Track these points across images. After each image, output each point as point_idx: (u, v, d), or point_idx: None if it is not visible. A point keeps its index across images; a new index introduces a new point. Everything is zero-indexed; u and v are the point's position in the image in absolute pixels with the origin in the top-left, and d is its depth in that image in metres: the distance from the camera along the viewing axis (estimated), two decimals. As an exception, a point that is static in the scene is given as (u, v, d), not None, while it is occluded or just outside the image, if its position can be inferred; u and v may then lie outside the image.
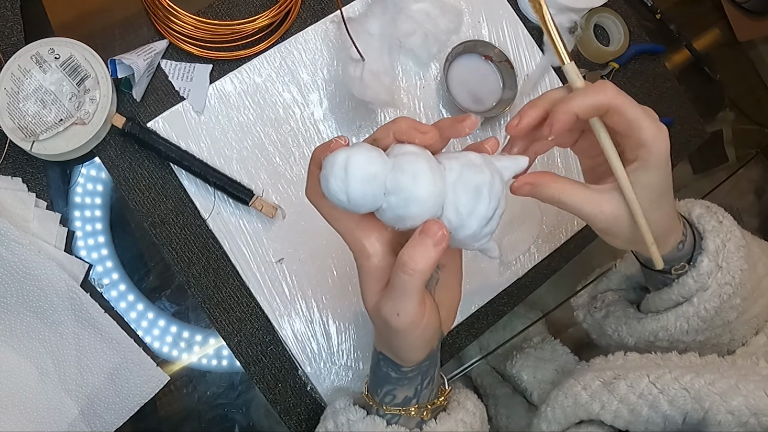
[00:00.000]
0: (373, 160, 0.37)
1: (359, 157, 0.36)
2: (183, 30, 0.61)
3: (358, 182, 0.36)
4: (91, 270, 0.59)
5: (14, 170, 0.58)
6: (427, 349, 0.45)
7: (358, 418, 0.49)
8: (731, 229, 0.53)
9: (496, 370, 0.78)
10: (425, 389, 0.49)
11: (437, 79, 0.69)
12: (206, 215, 0.60)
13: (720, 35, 0.86)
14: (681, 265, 0.52)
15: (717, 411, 0.43)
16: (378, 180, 0.37)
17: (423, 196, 0.37)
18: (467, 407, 0.52)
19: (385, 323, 0.40)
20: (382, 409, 0.49)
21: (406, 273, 0.38)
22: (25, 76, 0.56)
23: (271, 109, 0.64)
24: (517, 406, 0.71)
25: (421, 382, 0.48)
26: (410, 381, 0.48)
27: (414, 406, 0.49)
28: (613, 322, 0.61)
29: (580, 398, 0.51)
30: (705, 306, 0.52)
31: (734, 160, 0.90)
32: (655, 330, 0.56)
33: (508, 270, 0.67)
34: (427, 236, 0.37)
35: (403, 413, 0.48)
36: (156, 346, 0.59)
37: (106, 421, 0.56)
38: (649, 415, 0.46)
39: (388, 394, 0.49)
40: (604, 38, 0.77)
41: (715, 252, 0.52)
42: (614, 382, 0.49)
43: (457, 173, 0.38)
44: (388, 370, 0.48)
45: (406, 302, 0.39)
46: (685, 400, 0.45)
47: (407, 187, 0.37)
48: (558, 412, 0.53)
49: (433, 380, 0.49)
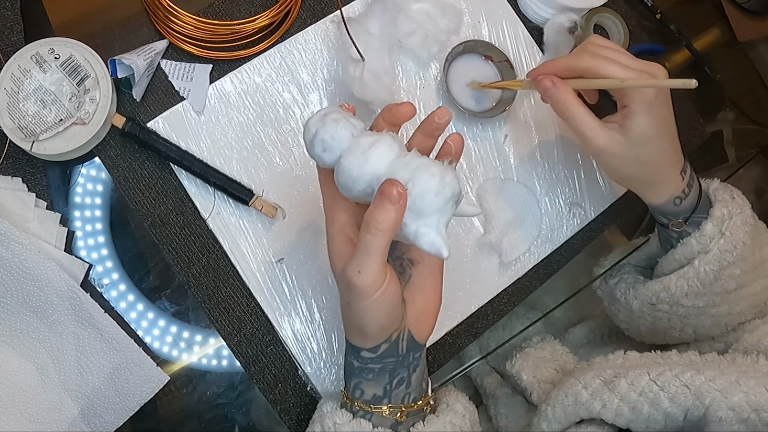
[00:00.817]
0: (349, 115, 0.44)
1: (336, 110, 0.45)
2: (183, 30, 0.61)
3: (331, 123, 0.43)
4: (91, 270, 0.59)
5: (14, 170, 0.58)
6: (387, 329, 0.46)
7: (344, 421, 0.48)
8: (742, 206, 0.58)
9: (496, 370, 0.78)
10: (396, 389, 0.49)
11: (437, 79, 0.69)
12: (206, 215, 0.60)
13: (720, 35, 0.86)
14: (677, 222, 0.58)
15: (718, 407, 0.43)
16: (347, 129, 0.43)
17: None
18: (456, 409, 0.51)
19: (348, 284, 0.43)
20: (354, 405, 0.49)
21: (369, 232, 0.40)
22: (25, 76, 0.56)
23: (271, 109, 0.64)
24: (517, 406, 0.71)
25: (390, 380, 0.48)
26: (376, 376, 0.48)
27: (386, 406, 0.48)
28: (623, 286, 0.65)
29: (580, 397, 0.51)
30: (705, 268, 0.56)
31: (734, 160, 0.90)
32: (657, 291, 0.60)
33: (508, 270, 0.67)
34: (384, 195, 0.40)
35: (375, 411, 0.48)
36: (156, 346, 0.59)
37: (106, 421, 0.56)
38: (650, 412, 0.46)
39: (356, 388, 0.49)
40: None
41: (720, 219, 0.56)
42: (615, 381, 0.50)
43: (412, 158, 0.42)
44: (351, 358, 0.49)
45: (368, 260, 0.41)
46: (685, 397, 0.45)
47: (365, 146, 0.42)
48: (558, 412, 0.53)
49: (406, 382, 0.49)
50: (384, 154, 0.42)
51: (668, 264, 0.60)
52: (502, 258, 0.67)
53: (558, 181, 0.70)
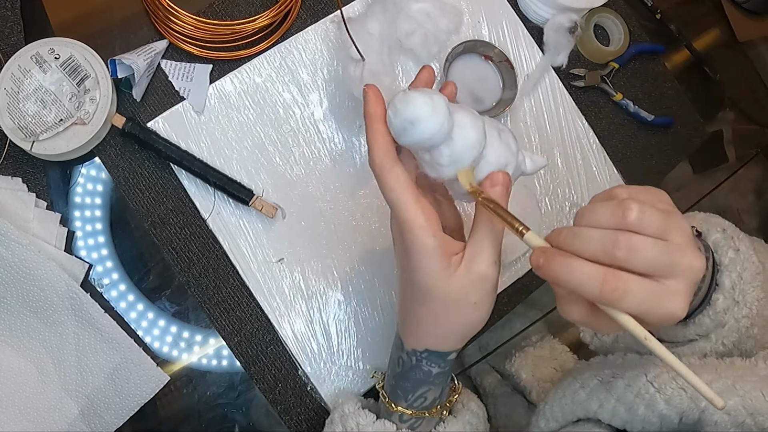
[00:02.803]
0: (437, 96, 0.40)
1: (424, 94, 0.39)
2: (183, 30, 0.61)
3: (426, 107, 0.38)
4: (91, 270, 0.59)
5: (14, 170, 0.58)
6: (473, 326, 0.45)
7: (368, 422, 0.49)
8: (747, 256, 0.51)
9: (496, 369, 0.78)
10: (447, 386, 0.50)
11: (437, 79, 0.69)
12: (206, 215, 0.60)
13: (720, 35, 0.86)
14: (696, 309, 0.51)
15: (713, 411, 0.43)
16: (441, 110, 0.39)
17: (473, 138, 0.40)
18: (472, 408, 0.52)
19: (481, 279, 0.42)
20: (407, 414, 0.49)
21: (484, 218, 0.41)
22: (25, 76, 0.56)
23: (271, 109, 0.64)
24: (517, 406, 0.71)
25: (447, 379, 0.49)
26: (444, 379, 0.49)
27: (436, 407, 0.49)
28: (623, 349, 0.59)
29: (578, 396, 0.51)
30: (723, 341, 0.51)
31: (734, 160, 0.90)
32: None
33: (508, 270, 0.67)
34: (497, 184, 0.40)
35: (427, 415, 0.49)
36: (156, 346, 0.59)
37: (106, 421, 0.56)
38: (646, 414, 0.46)
39: (420, 397, 0.48)
40: (604, 38, 0.77)
41: (731, 288, 0.50)
42: (612, 381, 0.50)
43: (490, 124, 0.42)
44: (430, 367, 0.47)
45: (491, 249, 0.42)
46: (681, 400, 0.45)
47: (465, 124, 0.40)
48: (556, 410, 0.53)
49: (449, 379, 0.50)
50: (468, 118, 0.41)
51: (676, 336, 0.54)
52: (502, 258, 0.67)
53: (558, 181, 0.70)
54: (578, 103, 0.73)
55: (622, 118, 0.76)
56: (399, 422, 0.50)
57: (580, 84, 0.74)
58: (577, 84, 0.74)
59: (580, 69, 0.74)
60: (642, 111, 0.75)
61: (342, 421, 0.51)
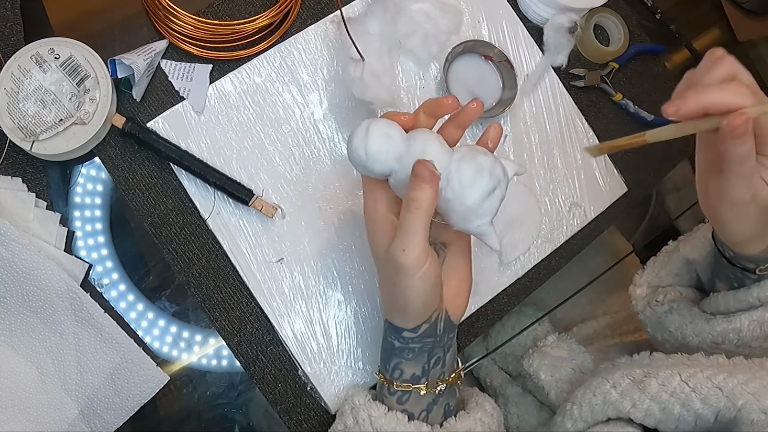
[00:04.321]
0: (392, 126, 0.46)
1: (380, 122, 0.46)
2: (183, 30, 0.61)
3: (376, 138, 0.45)
4: (91, 270, 0.59)
5: (14, 170, 0.58)
6: (428, 308, 0.48)
7: (380, 414, 0.50)
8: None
9: (505, 370, 0.78)
10: (434, 368, 0.51)
11: (437, 79, 0.69)
12: (206, 215, 0.60)
13: (720, 35, 0.86)
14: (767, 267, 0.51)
15: (750, 410, 0.43)
16: (394, 141, 0.46)
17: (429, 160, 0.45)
18: (486, 408, 0.53)
19: (394, 262, 0.45)
20: (393, 386, 0.50)
21: (410, 212, 0.44)
22: (25, 76, 0.56)
23: (271, 109, 0.64)
24: (528, 406, 0.72)
25: (428, 360, 0.50)
26: (415, 356, 0.50)
27: (423, 384, 0.50)
28: (677, 320, 0.60)
29: (609, 396, 0.51)
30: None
31: (734, 160, 0.90)
32: (725, 332, 0.54)
33: (508, 270, 0.67)
34: (418, 177, 0.43)
35: (413, 389, 0.50)
36: (156, 346, 0.59)
37: (106, 421, 0.56)
38: (681, 413, 0.47)
39: (396, 369, 0.51)
40: (604, 38, 0.77)
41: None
42: (645, 381, 0.50)
43: (462, 153, 0.46)
44: (391, 339, 0.50)
45: (412, 238, 0.44)
46: (718, 399, 0.45)
47: (418, 152, 0.45)
48: (585, 410, 0.53)
49: (441, 362, 0.51)
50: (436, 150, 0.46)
51: (735, 302, 0.55)
52: (502, 258, 0.67)
53: (558, 181, 0.70)
54: (578, 103, 0.73)
55: (622, 118, 0.76)
56: (388, 394, 0.51)
57: (580, 84, 0.74)
58: (577, 84, 0.74)
59: (580, 69, 0.74)
60: (642, 111, 0.75)
61: (353, 413, 0.51)
